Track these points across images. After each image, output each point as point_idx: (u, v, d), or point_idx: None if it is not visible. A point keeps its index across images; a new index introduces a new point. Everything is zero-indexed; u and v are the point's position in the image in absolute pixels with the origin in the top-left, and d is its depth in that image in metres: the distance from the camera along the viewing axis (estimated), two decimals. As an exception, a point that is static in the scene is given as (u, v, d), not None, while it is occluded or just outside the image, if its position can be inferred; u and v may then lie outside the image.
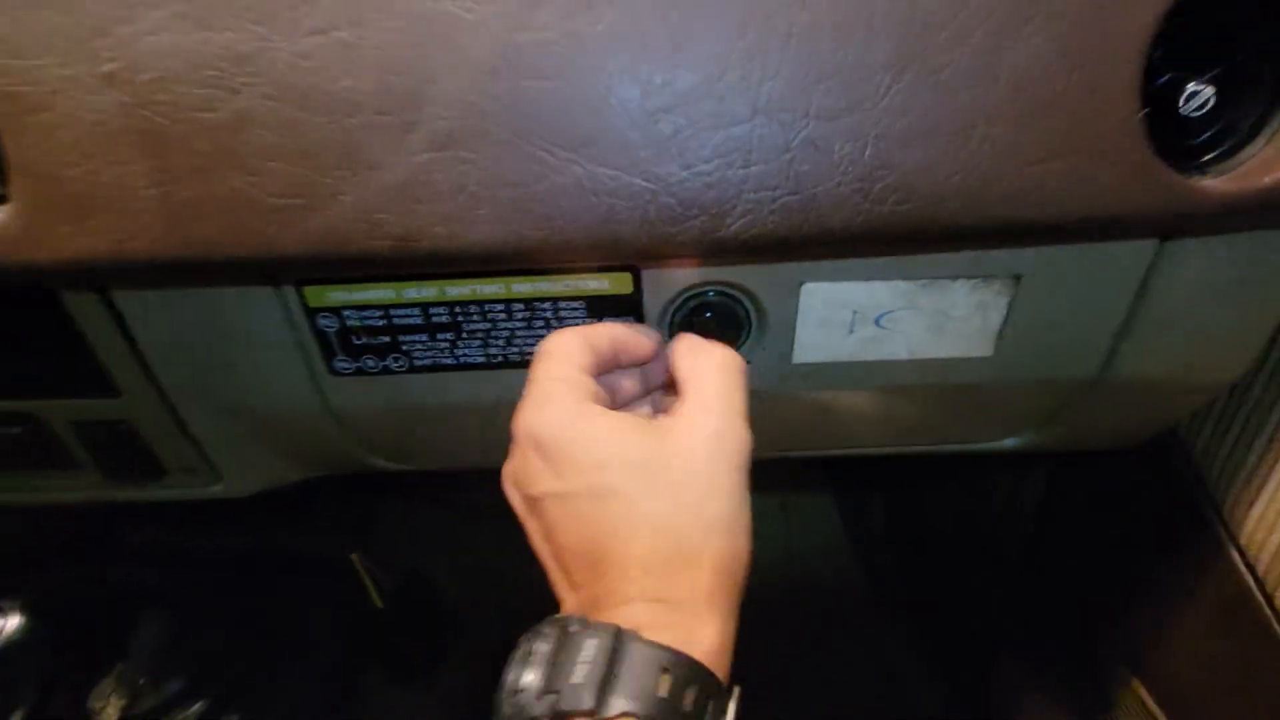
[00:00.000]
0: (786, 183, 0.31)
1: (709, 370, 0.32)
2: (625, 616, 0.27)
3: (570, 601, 0.30)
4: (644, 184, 0.32)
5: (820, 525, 1.13)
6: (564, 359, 0.33)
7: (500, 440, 0.49)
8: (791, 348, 0.41)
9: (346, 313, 0.39)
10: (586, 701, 0.24)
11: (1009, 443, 0.51)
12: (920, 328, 0.40)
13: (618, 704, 0.24)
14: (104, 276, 0.36)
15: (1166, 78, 0.32)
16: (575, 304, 0.39)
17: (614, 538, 0.28)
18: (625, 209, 0.32)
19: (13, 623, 0.54)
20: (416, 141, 0.31)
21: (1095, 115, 0.31)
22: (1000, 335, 0.40)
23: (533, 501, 0.31)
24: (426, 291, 0.38)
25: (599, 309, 0.39)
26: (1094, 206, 0.32)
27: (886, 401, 0.46)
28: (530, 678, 0.26)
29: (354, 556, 0.78)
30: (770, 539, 1.10)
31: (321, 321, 0.39)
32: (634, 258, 0.35)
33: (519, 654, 0.28)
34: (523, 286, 0.38)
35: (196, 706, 0.64)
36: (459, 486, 0.99)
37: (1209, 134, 0.33)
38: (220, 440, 0.46)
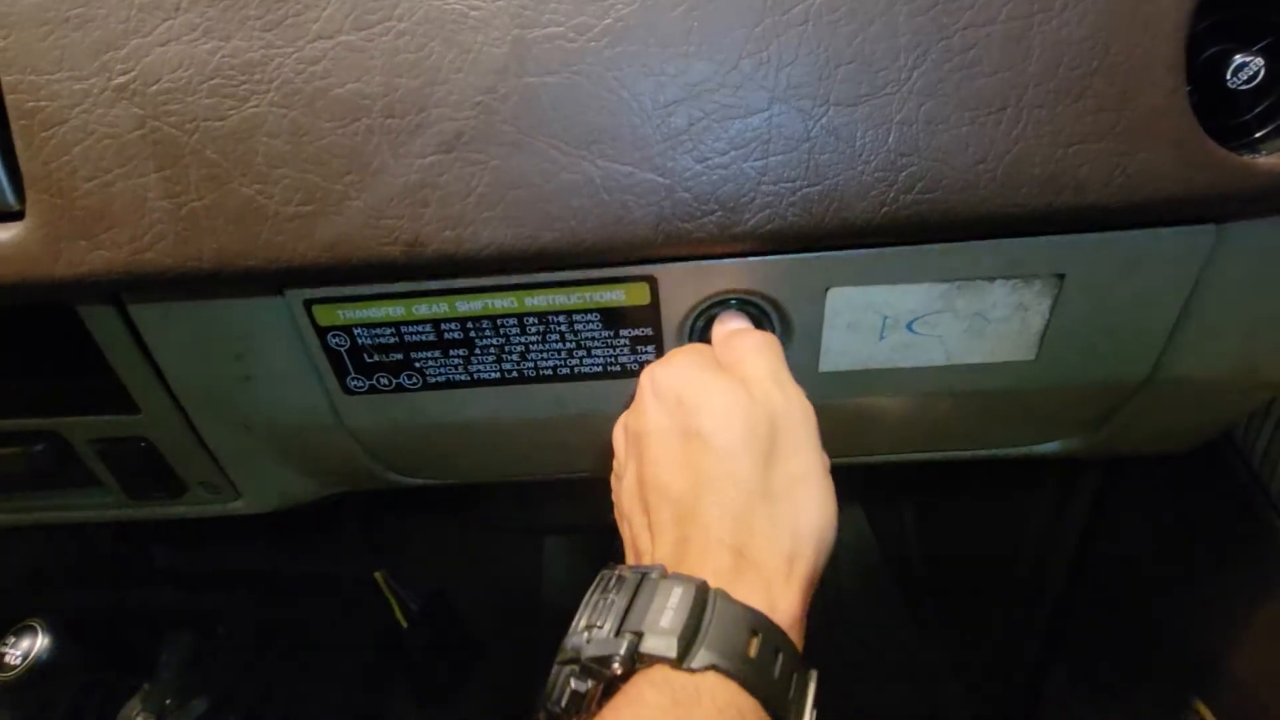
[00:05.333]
0: (806, 173, 0.30)
1: (749, 354, 0.32)
2: (708, 564, 0.26)
3: (648, 554, 0.29)
4: (658, 179, 0.31)
5: (851, 536, 1.09)
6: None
7: (520, 455, 0.48)
8: (818, 355, 0.39)
9: (357, 330, 0.38)
10: (671, 648, 0.23)
11: (1051, 447, 0.48)
12: (956, 331, 0.38)
13: (705, 657, 0.23)
14: (119, 289, 0.36)
15: (1212, 50, 0.31)
16: (590, 316, 0.38)
17: (700, 482, 0.28)
18: (639, 206, 0.31)
19: (43, 643, 0.55)
20: (423, 144, 0.31)
21: (1136, 92, 0.29)
22: (1043, 337, 0.38)
23: (635, 438, 0.32)
24: (438, 307, 0.37)
25: (615, 321, 0.38)
26: (1137, 190, 0.30)
27: (921, 407, 0.44)
28: (607, 618, 0.24)
29: (378, 575, 0.78)
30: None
31: (332, 340, 0.38)
32: (649, 255, 0.34)
33: (592, 596, 0.26)
34: (536, 300, 0.37)
35: (222, 727, 0.64)
36: (484, 504, 0.98)
37: (1260, 108, 0.31)
38: (238, 456, 0.46)
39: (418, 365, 0.40)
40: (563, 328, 0.38)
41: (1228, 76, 0.31)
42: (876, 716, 0.88)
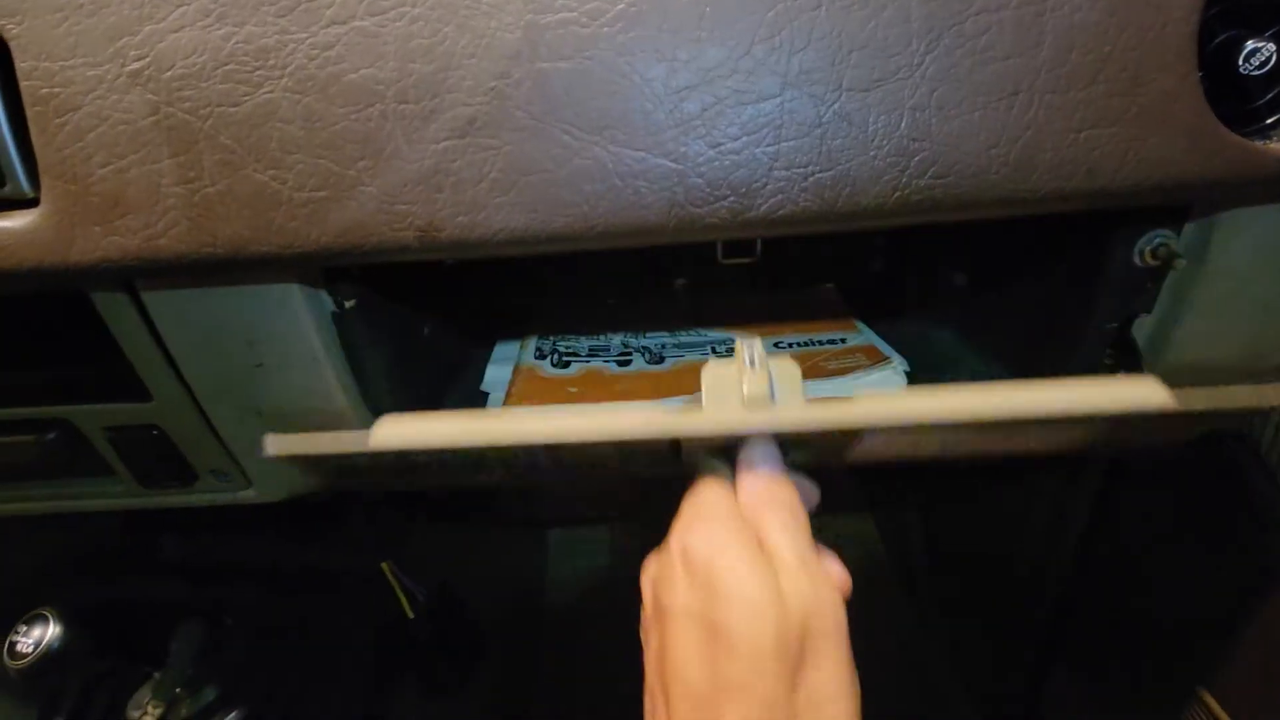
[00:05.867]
0: (819, 159, 0.30)
1: (776, 531, 0.30)
2: None
3: None
4: (671, 165, 0.31)
5: (854, 535, 1.09)
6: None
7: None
8: None
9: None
10: None
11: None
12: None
13: None
14: (133, 275, 0.36)
15: (1224, 36, 0.31)
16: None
17: (722, 688, 0.26)
18: (651, 191, 0.31)
19: (53, 632, 0.55)
20: (437, 129, 0.31)
21: (1148, 77, 0.29)
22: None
23: (661, 610, 0.30)
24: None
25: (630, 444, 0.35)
26: (1148, 174, 0.30)
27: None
28: None
29: (385, 566, 0.78)
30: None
31: None
32: (662, 241, 0.34)
33: None
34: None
35: (231, 716, 0.64)
36: (489, 497, 0.98)
37: (1271, 94, 0.31)
38: (250, 444, 0.46)
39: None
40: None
41: (1239, 62, 0.31)
42: (877, 716, 0.88)
